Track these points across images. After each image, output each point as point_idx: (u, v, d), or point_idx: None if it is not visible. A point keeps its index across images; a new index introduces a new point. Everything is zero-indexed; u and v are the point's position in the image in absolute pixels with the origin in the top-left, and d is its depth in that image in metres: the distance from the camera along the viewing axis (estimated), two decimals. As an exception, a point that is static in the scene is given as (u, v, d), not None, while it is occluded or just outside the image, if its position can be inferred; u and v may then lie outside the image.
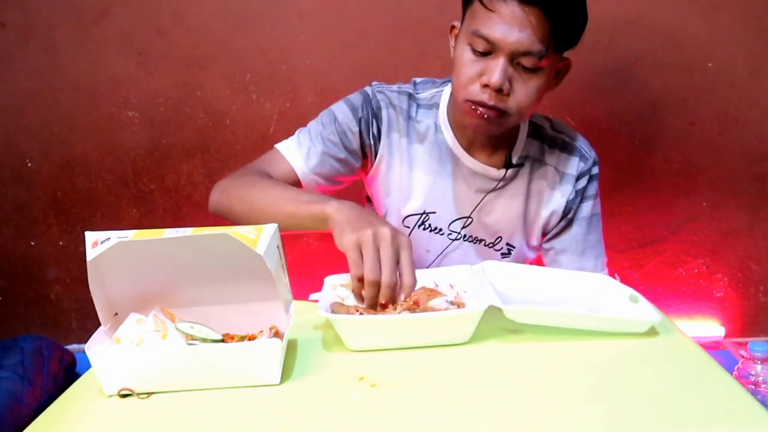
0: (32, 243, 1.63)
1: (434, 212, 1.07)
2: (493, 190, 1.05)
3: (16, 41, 1.48)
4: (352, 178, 1.08)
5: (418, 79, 1.10)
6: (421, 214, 1.07)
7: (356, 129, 1.04)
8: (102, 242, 0.63)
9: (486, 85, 0.89)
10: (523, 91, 0.90)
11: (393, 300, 0.76)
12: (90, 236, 0.64)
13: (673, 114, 1.54)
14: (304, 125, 1.07)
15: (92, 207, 1.61)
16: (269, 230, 0.66)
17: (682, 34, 1.48)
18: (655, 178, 1.59)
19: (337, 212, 0.82)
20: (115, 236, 0.63)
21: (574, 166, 1.06)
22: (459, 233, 1.08)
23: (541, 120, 1.08)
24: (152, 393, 0.63)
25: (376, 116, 1.05)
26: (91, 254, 0.63)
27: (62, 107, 1.53)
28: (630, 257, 1.65)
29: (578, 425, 0.55)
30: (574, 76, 1.53)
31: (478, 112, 0.91)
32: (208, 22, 1.48)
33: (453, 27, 0.99)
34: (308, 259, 1.58)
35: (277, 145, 1.05)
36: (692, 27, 1.48)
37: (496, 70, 0.87)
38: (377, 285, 0.75)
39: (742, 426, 0.54)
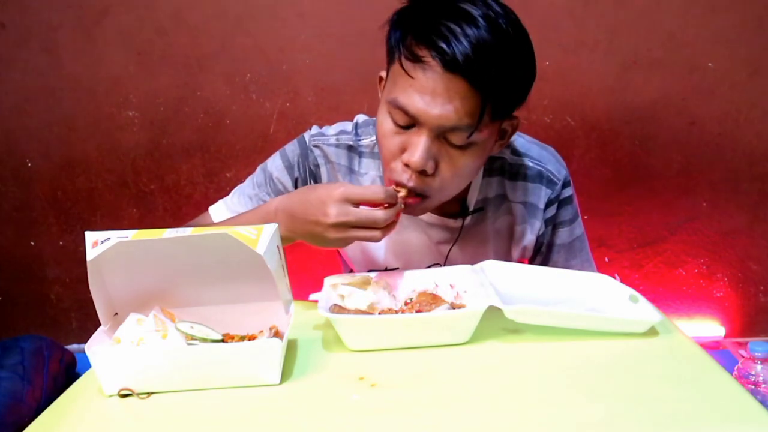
0: (32, 243, 1.63)
1: (397, 268, 0.98)
2: (456, 241, 0.96)
3: (16, 41, 1.48)
4: None
5: (361, 119, 0.98)
6: (383, 270, 0.98)
7: (292, 189, 0.96)
8: (102, 242, 0.63)
9: (407, 164, 0.78)
10: (450, 171, 0.79)
11: (396, 213, 0.77)
12: (90, 236, 0.64)
13: (673, 114, 1.54)
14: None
15: (92, 207, 1.61)
16: (269, 230, 0.66)
17: (682, 34, 1.48)
18: (655, 178, 1.59)
19: (293, 234, 0.79)
20: (115, 236, 0.63)
21: (540, 196, 0.94)
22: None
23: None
24: (152, 393, 0.63)
25: (314, 174, 0.96)
26: (91, 254, 0.63)
27: (62, 107, 1.53)
28: (630, 257, 1.65)
29: (578, 425, 0.55)
30: (574, 76, 1.54)
31: (399, 194, 0.80)
32: (208, 22, 1.48)
33: (381, 78, 0.85)
34: (308, 259, 1.58)
35: (210, 207, 0.99)
36: (692, 27, 1.48)
37: (418, 148, 0.76)
38: (388, 227, 0.76)
39: (742, 426, 0.54)
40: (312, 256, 1.60)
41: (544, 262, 1.01)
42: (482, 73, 0.72)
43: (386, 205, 0.76)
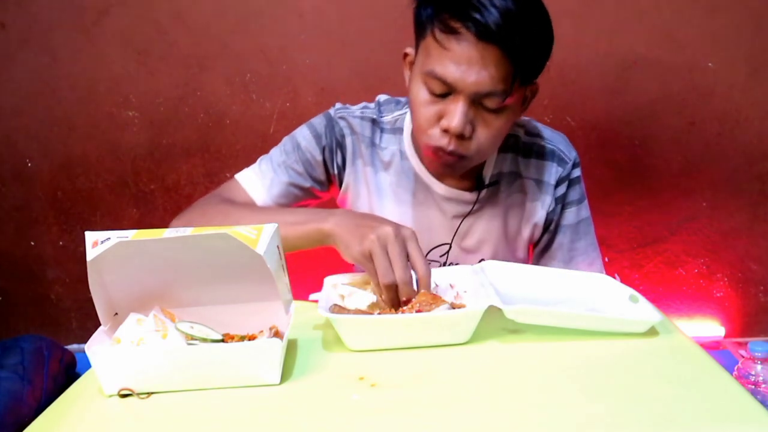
0: (32, 243, 1.63)
1: None
2: (470, 214, 1.00)
3: (16, 41, 1.48)
4: (315, 203, 1.05)
5: (382, 98, 1.05)
6: None
7: (320, 158, 1.00)
8: (102, 242, 0.63)
9: (446, 130, 0.83)
10: (486, 134, 0.85)
11: (413, 295, 0.75)
12: (90, 236, 0.64)
13: (673, 114, 1.54)
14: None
15: (92, 207, 1.61)
16: (269, 230, 0.66)
17: (682, 34, 1.48)
18: (655, 178, 1.59)
19: (336, 226, 0.80)
20: (115, 236, 0.63)
21: (551, 173, 1.00)
22: (438, 262, 1.03)
23: (514, 128, 1.00)
24: (152, 393, 0.63)
25: (340, 144, 1.00)
26: (91, 254, 0.63)
27: (62, 107, 1.53)
28: (630, 257, 1.65)
29: (578, 425, 0.55)
30: (574, 76, 1.54)
31: (439, 156, 0.87)
32: (208, 22, 1.48)
33: (406, 54, 0.92)
34: (308, 259, 1.58)
35: (237, 176, 1.01)
36: (692, 27, 1.48)
37: (456, 114, 0.82)
38: (394, 287, 0.75)
39: (742, 426, 0.54)
40: (312, 257, 1.60)
41: (550, 243, 1.04)
42: (513, 40, 0.78)
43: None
